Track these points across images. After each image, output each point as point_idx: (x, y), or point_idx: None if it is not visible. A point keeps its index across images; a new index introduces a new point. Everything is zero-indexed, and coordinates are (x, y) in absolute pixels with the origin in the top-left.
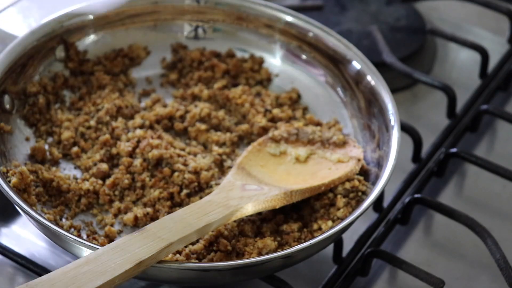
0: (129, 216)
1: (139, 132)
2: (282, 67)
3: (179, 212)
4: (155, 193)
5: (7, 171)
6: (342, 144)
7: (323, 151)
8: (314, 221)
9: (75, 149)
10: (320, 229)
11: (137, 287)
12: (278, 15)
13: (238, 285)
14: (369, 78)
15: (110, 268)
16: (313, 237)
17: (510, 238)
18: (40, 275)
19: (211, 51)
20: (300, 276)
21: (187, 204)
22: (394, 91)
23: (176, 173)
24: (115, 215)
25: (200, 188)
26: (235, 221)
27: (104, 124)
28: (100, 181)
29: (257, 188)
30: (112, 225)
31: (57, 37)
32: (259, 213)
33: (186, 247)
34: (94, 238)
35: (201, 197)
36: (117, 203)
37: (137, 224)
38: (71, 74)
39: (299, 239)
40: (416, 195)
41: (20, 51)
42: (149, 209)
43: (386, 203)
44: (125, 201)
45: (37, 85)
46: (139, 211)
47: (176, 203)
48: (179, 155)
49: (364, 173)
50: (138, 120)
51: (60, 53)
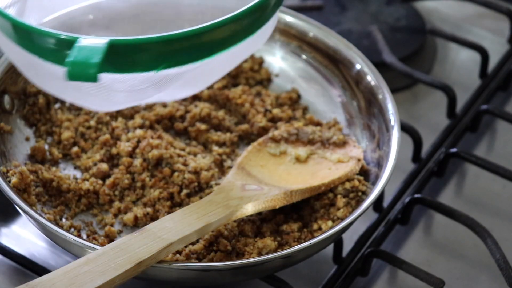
0: (129, 216)
1: (139, 132)
2: (282, 67)
3: (179, 212)
4: (155, 193)
5: (7, 171)
6: (342, 144)
7: (323, 151)
8: (314, 221)
9: (75, 149)
10: (320, 229)
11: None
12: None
13: (238, 285)
14: (369, 78)
15: (110, 268)
16: (313, 237)
17: (510, 238)
18: (40, 275)
19: None
20: (300, 276)
21: (187, 204)
22: (394, 91)
23: (176, 173)
24: (115, 215)
25: (200, 188)
26: (235, 221)
27: (104, 124)
28: (100, 181)
29: (257, 188)
30: (112, 225)
31: None
32: (259, 213)
33: (186, 247)
34: (94, 238)
35: (201, 197)
36: (117, 203)
37: (137, 224)
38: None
39: (299, 239)
40: (416, 195)
41: None
42: (149, 209)
43: (386, 203)
44: (125, 201)
45: None
46: (139, 211)
47: (176, 203)
48: (179, 155)
49: (364, 173)
50: (138, 120)
51: None
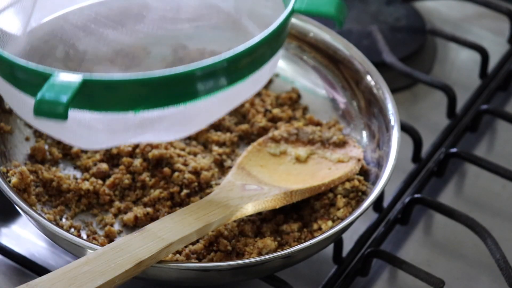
0: (129, 216)
1: None
2: (282, 67)
3: (179, 212)
4: (155, 193)
5: (7, 171)
6: (342, 144)
7: (323, 151)
8: (314, 221)
9: (75, 149)
10: (320, 229)
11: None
12: None
13: (238, 285)
14: (369, 78)
15: (110, 268)
16: (313, 237)
17: (510, 238)
18: (40, 275)
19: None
20: (300, 276)
21: (187, 204)
22: (394, 91)
23: (176, 173)
24: (115, 215)
25: (200, 188)
26: (235, 221)
27: None
28: (100, 181)
29: (257, 188)
30: (112, 225)
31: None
32: (259, 213)
33: (186, 247)
34: (94, 238)
35: (201, 197)
36: (117, 203)
37: (137, 224)
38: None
39: (299, 239)
40: (416, 195)
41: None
42: (149, 209)
43: (386, 203)
44: (125, 201)
45: None
46: (139, 211)
47: (176, 203)
48: (179, 155)
49: (364, 173)
50: None
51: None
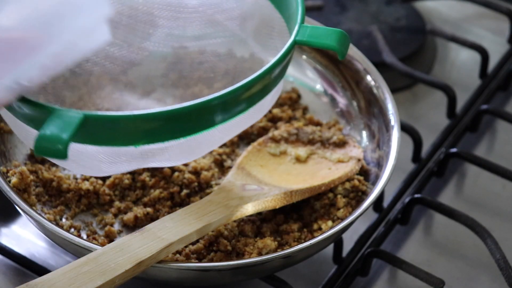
0: (129, 216)
1: None
2: None
3: (179, 212)
4: (155, 193)
5: (7, 171)
6: (342, 144)
7: (323, 151)
8: (314, 221)
9: None
10: (320, 229)
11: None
12: None
13: (238, 285)
14: (369, 78)
15: (110, 268)
16: (313, 237)
17: (510, 238)
18: (40, 275)
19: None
20: (300, 276)
21: (187, 204)
22: (394, 91)
23: (176, 173)
24: (115, 215)
25: (200, 188)
26: (235, 221)
27: None
28: (100, 181)
29: (257, 188)
30: (112, 225)
31: None
32: (259, 213)
33: (186, 247)
34: (94, 238)
35: (201, 197)
36: (117, 203)
37: (137, 224)
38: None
39: (299, 239)
40: (416, 195)
41: None
42: (149, 209)
43: (386, 203)
44: (125, 201)
45: None
46: (139, 211)
47: (176, 203)
48: None
49: (364, 173)
50: None
51: None
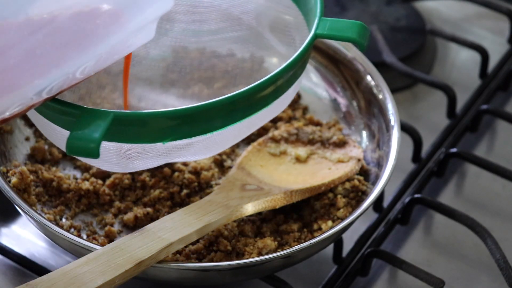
0: (129, 216)
1: None
2: None
3: (179, 212)
4: (155, 193)
5: (7, 171)
6: (342, 144)
7: (323, 151)
8: (314, 221)
9: None
10: (320, 229)
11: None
12: None
13: (238, 285)
14: (369, 78)
15: (110, 268)
16: (313, 237)
17: (510, 238)
18: (40, 275)
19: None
20: (300, 276)
21: (187, 204)
22: (394, 91)
23: (176, 173)
24: (115, 215)
25: (200, 188)
26: (235, 221)
27: None
28: (100, 181)
29: (257, 188)
30: (112, 225)
31: None
32: (259, 213)
33: (186, 247)
34: (94, 238)
35: (201, 197)
36: (117, 203)
37: (137, 224)
38: None
39: (299, 239)
40: (416, 195)
41: None
42: (149, 209)
43: (386, 203)
44: (125, 201)
45: None
46: (139, 211)
47: (176, 203)
48: None
49: (364, 173)
50: None
51: None
